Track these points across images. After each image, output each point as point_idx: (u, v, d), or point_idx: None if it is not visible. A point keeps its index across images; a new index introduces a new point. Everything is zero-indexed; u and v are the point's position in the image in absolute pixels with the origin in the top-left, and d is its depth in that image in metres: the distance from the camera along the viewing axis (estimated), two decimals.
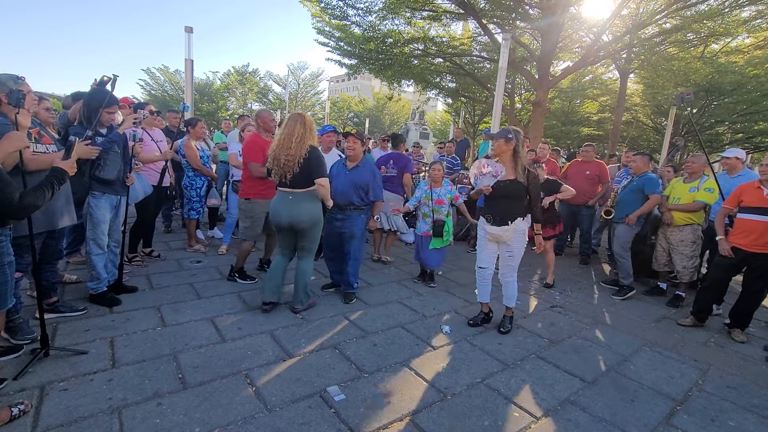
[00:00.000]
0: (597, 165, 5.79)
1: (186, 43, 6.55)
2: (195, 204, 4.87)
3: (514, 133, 3.11)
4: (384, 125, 35.79)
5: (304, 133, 3.14)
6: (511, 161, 3.17)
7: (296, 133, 3.12)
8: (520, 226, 3.20)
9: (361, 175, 3.78)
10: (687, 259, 4.26)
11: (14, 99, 2.06)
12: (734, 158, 4.44)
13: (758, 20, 9.73)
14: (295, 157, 3.10)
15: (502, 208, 3.20)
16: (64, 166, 2.13)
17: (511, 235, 3.19)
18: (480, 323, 3.47)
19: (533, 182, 3.16)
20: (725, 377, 2.92)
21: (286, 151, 3.12)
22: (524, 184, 3.13)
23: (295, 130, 3.13)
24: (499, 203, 3.21)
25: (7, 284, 2.04)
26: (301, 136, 3.12)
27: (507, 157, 3.17)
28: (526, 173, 3.15)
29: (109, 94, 3.11)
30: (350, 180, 3.77)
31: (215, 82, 32.63)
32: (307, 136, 3.16)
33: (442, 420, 2.21)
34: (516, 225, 3.18)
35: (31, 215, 2.22)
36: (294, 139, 3.12)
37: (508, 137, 3.11)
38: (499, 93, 6.89)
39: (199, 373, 2.44)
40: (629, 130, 16.74)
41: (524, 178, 3.13)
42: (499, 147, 3.16)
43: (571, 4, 9.53)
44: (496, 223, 3.22)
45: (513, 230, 3.18)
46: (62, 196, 2.61)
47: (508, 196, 3.16)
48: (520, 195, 3.16)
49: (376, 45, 10.83)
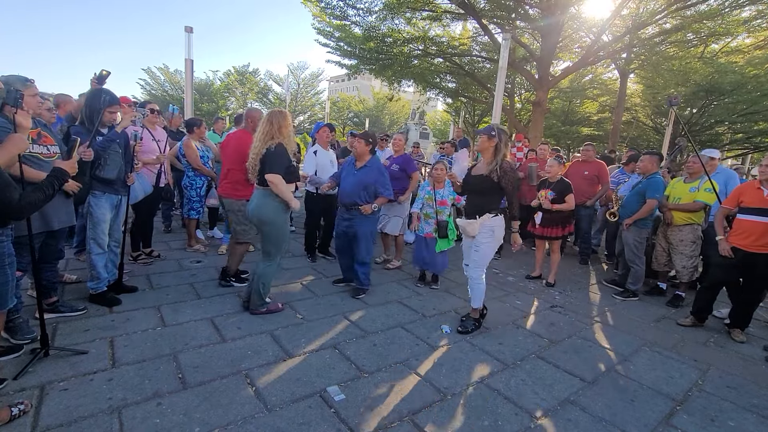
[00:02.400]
0: (596, 165, 5.78)
1: (186, 43, 6.57)
2: (195, 204, 4.87)
3: (497, 130, 3.15)
4: (384, 125, 35.79)
5: (269, 130, 3.07)
6: (492, 158, 3.17)
7: (262, 131, 3.09)
8: (487, 222, 3.18)
9: (368, 175, 3.80)
10: (686, 259, 4.26)
11: (12, 99, 2.06)
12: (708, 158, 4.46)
13: (758, 20, 9.74)
14: (258, 154, 3.09)
15: (473, 202, 3.28)
16: (65, 166, 2.13)
17: (478, 228, 3.19)
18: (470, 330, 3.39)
19: (506, 179, 3.09)
20: (725, 377, 2.92)
21: (254, 149, 3.13)
22: (495, 181, 3.10)
23: (263, 128, 3.09)
24: (471, 197, 3.32)
25: (8, 284, 2.04)
26: (266, 132, 3.07)
27: (489, 154, 3.20)
28: (500, 170, 3.09)
29: (111, 94, 3.11)
30: (357, 180, 3.79)
31: (215, 82, 32.63)
32: (275, 132, 3.07)
33: (442, 420, 2.21)
34: (483, 220, 3.17)
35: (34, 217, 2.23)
36: (259, 137, 3.10)
37: (491, 134, 3.14)
38: (499, 93, 6.90)
39: (199, 373, 2.44)
40: (629, 130, 16.75)
41: (497, 174, 3.09)
42: (483, 143, 3.20)
43: (571, 4, 9.54)
44: (467, 216, 3.29)
45: (480, 224, 3.18)
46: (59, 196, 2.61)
47: (479, 191, 3.21)
48: (490, 191, 3.15)
49: (376, 45, 10.84)
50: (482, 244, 3.21)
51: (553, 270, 4.72)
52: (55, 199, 2.57)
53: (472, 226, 3.20)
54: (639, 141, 18.41)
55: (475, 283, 3.29)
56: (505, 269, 5.24)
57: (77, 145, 2.29)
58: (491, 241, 3.22)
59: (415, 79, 13.25)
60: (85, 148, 2.86)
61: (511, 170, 3.13)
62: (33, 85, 2.57)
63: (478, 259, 3.25)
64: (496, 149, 3.15)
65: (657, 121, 17.03)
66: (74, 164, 2.21)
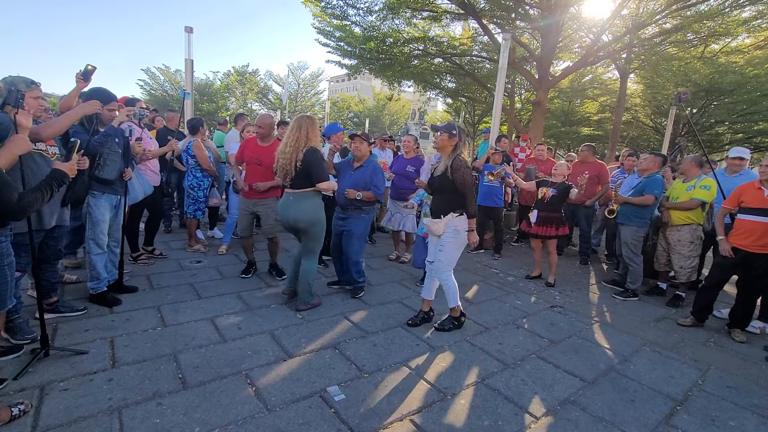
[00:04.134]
0: (596, 165, 5.78)
1: (186, 43, 6.56)
2: (201, 204, 4.91)
3: (458, 129, 3.11)
4: (384, 125, 35.79)
5: (299, 136, 3.22)
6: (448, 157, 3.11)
7: (291, 136, 3.24)
8: (451, 222, 3.13)
9: (363, 175, 3.83)
10: (684, 259, 4.26)
11: (13, 99, 2.06)
12: (738, 158, 4.46)
13: (758, 20, 9.74)
14: (290, 159, 3.21)
15: (436, 202, 3.23)
16: (64, 168, 2.13)
17: (443, 228, 3.15)
18: (419, 323, 3.36)
19: (457, 174, 3.02)
20: (725, 377, 2.92)
21: (283, 153, 3.25)
22: (451, 179, 3.04)
23: (291, 134, 3.25)
24: (435, 197, 3.28)
25: (6, 285, 2.04)
26: (296, 139, 3.22)
27: (447, 153, 3.13)
28: (451, 167, 3.03)
29: (108, 92, 3.10)
30: (353, 180, 3.82)
31: (215, 82, 32.64)
32: (304, 138, 3.23)
33: (442, 420, 2.21)
34: (447, 219, 3.13)
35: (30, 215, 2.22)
36: (289, 142, 3.23)
37: (452, 133, 3.07)
38: (499, 93, 6.90)
39: (199, 373, 2.44)
40: (629, 130, 16.75)
41: (450, 173, 3.03)
42: (443, 141, 3.10)
43: (571, 4, 9.54)
44: (432, 216, 3.25)
45: (444, 224, 3.14)
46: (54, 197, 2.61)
47: (440, 190, 3.18)
48: (451, 189, 3.09)
49: (377, 45, 10.84)
50: (447, 243, 3.15)
51: (552, 270, 4.73)
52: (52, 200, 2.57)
53: (437, 225, 3.16)
54: (639, 141, 18.41)
55: (445, 284, 3.24)
56: (505, 269, 5.24)
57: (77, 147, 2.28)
58: (456, 240, 3.16)
59: (415, 79, 13.25)
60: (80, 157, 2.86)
61: (463, 166, 3.05)
62: (38, 87, 2.57)
63: (443, 259, 3.19)
64: (455, 148, 3.09)
65: (657, 121, 17.03)
66: (74, 166, 2.21)
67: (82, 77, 3.11)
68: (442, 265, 3.21)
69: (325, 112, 18.90)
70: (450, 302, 3.30)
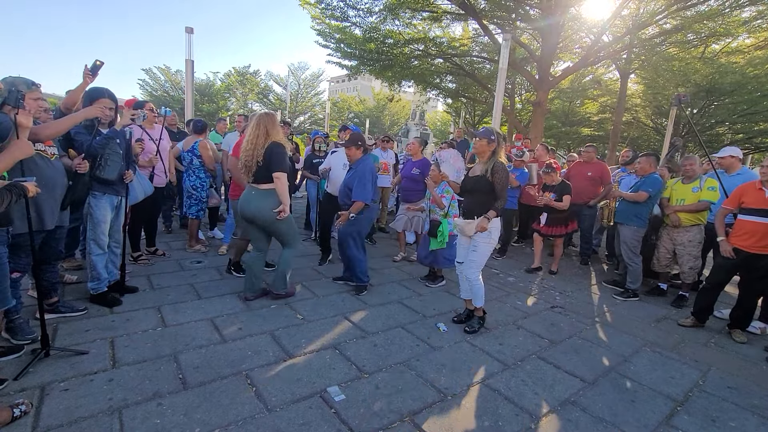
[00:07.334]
0: (599, 166, 5.79)
1: (186, 43, 6.56)
2: (203, 205, 4.94)
3: (497, 135, 3.22)
4: (384, 125, 35.79)
5: (258, 133, 3.26)
6: (488, 160, 3.22)
7: (252, 134, 3.27)
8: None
9: (352, 177, 3.94)
10: (693, 260, 4.25)
11: (13, 99, 2.06)
12: (729, 157, 4.45)
13: (758, 20, 9.74)
14: (252, 154, 3.25)
15: (470, 203, 3.30)
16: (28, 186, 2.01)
17: (474, 229, 3.20)
18: (464, 320, 3.48)
19: (497, 177, 3.15)
20: (726, 378, 2.92)
21: (245, 151, 3.30)
22: (490, 181, 3.15)
23: (252, 131, 3.28)
24: (468, 198, 3.35)
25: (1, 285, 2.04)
26: (256, 136, 3.26)
27: (486, 156, 3.24)
28: (492, 169, 3.15)
29: (103, 89, 3.09)
30: (345, 181, 3.99)
31: (216, 83, 32.64)
32: (263, 135, 3.26)
33: (442, 420, 2.21)
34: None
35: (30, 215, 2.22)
36: (250, 140, 3.27)
37: (491, 138, 3.21)
38: (499, 93, 6.90)
39: (199, 373, 2.44)
40: (630, 131, 16.74)
41: (491, 175, 3.15)
42: (481, 146, 3.23)
43: (571, 5, 9.54)
44: (464, 216, 3.33)
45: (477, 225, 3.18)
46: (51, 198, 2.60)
47: (476, 191, 3.24)
48: (486, 191, 3.18)
49: (377, 46, 10.84)
50: (480, 244, 3.23)
51: (555, 260, 5.17)
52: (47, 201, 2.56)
53: (469, 226, 3.22)
54: (639, 141, 18.41)
55: (473, 284, 3.31)
56: (505, 269, 5.24)
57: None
58: (488, 242, 3.24)
59: (416, 80, 13.26)
60: (81, 160, 2.86)
61: (503, 170, 3.18)
62: (38, 89, 2.57)
63: (475, 260, 3.27)
64: (493, 153, 3.22)
65: (657, 122, 17.03)
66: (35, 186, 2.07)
67: (90, 72, 3.12)
68: (474, 265, 3.28)
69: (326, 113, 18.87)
70: (476, 302, 3.36)
